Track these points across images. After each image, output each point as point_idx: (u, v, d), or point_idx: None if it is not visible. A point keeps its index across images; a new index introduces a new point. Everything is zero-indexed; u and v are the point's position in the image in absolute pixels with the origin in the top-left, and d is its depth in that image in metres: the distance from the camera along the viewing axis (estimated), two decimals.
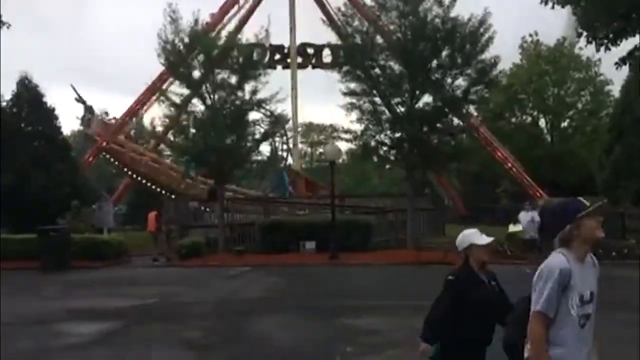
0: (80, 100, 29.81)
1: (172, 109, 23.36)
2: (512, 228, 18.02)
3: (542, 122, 40.29)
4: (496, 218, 31.30)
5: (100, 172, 43.73)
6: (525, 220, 16.44)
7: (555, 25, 37.34)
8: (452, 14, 21.47)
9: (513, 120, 39.92)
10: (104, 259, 19.75)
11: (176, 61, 22.64)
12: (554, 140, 39.22)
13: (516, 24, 44.68)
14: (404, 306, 10.97)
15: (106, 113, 31.33)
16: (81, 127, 29.27)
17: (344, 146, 32.06)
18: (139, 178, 31.55)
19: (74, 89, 29.29)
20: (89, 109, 30.24)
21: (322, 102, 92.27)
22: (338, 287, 14.16)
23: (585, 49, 35.62)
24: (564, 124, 39.94)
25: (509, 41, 37.87)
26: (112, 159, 31.74)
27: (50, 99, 25.96)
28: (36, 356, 7.75)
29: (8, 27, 7.96)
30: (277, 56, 33.77)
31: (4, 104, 25.02)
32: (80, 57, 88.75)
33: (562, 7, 9.03)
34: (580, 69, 38.68)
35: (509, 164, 33.02)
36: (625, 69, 9.53)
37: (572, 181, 33.11)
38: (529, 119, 40.47)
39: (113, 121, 32.03)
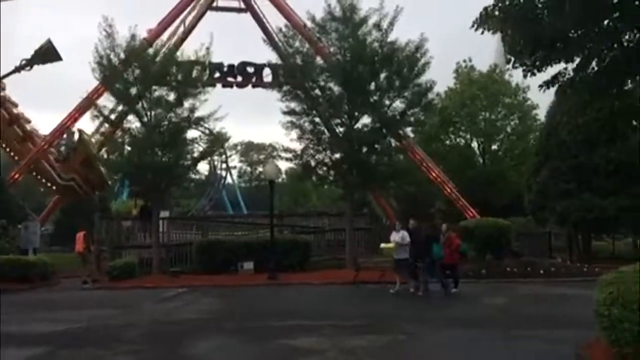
0: None
1: (106, 125, 22.67)
2: (384, 246, 18.34)
3: (474, 145, 41.80)
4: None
5: (27, 191, 41.79)
6: (395, 240, 16.29)
7: (488, 52, 39.01)
8: (390, 38, 22.08)
9: (447, 142, 41.21)
10: (30, 281, 18.80)
11: (111, 76, 22.05)
12: (485, 162, 40.73)
13: (452, 48, 46.63)
14: (342, 326, 11.01)
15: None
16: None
17: (283, 165, 32.12)
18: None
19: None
20: None
21: (261, 122, 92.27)
22: (276, 307, 14.04)
23: (515, 76, 37.58)
24: (495, 146, 41.59)
25: (444, 65, 39.30)
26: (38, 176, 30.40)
27: None
28: None
29: None
30: (217, 74, 33.54)
31: None
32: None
33: (493, 34, 9.49)
34: (509, 95, 40.51)
35: (444, 185, 33.97)
36: (549, 93, 10.15)
37: (502, 201, 34.46)
38: (462, 141, 41.89)
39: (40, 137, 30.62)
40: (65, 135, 32.49)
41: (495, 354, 8.72)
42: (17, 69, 27.60)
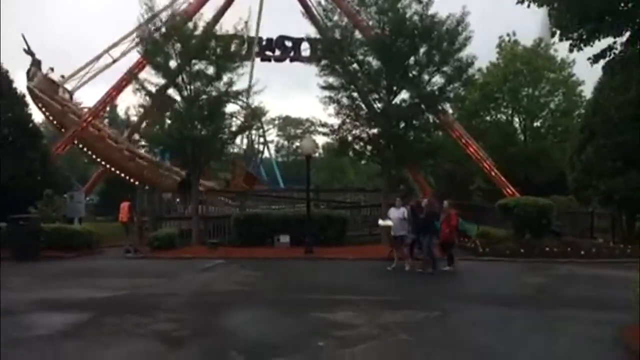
0: (28, 52, 29.18)
1: (147, 98, 23.06)
2: (382, 223, 18.03)
3: (516, 121, 40.84)
4: (470, 215, 31.72)
5: (73, 161, 43.06)
6: (396, 217, 16.11)
7: (532, 26, 37.78)
8: (431, 11, 21.64)
9: (488, 118, 40.35)
10: (75, 249, 19.51)
11: (153, 50, 22.34)
12: (527, 139, 39.79)
13: (495, 22, 45.26)
14: (376, 301, 11.09)
15: (52, 69, 30.61)
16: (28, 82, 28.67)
17: (320, 140, 32.07)
18: (110, 167, 31.15)
19: (24, 38, 28.74)
20: (36, 63, 29.58)
21: (299, 96, 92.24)
22: (311, 281, 14.22)
23: (560, 51, 36.34)
24: (537, 123, 40.52)
25: (486, 40, 38.31)
26: (84, 148, 31.25)
27: (20, 85, 25.39)
28: (4, 348, 7.61)
29: None
30: (255, 48, 33.54)
31: None
32: (50, 43, 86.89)
33: (539, 7, 9.15)
34: (554, 70, 39.24)
35: (482, 162, 33.42)
36: (596, 69, 9.76)
37: (544, 180, 33.70)
38: (504, 117, 40.97)
39: (59, 79, 31.43)
40: (108, 109, 33.23)
41: (532, 334, 8.64)
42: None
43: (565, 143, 32.43)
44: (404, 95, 22.55)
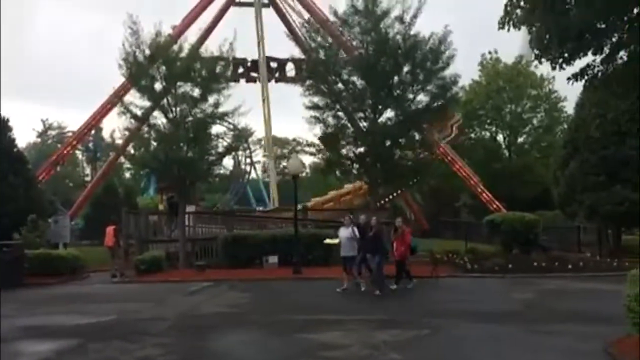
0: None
1: (132, 121, 22.97)
2: (328, 241, 17.83)
3: (500, 138, 41.33)
4: (457, 231, 31.85)
5: (57, 185, 42.64)
6: (344, 236, 15.60)
7: (513, 43, 38.38)
8: (414, 31, 21.91)
9: (472, 135, 40.80)
10: (60, 275, 19.22)
11: (138, 73, 22.33)
12: (511, 155, 40.24)
13: (477, 40, 46.06)
14: (366, 320, 11.03)
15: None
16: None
17: (307, 159, 32.11)
18: None
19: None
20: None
21: (285, 116, 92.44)
22: (300, 301, 14.11)
23: (540, 68, 36.94)
24: (521, 139, 41.05)
25: (469, 57, 38.89)
26: None
27: (3, 111, 25.21)
28: None
29: None
30: (241, 69, 33.71)
31: None
32: (30, 70, 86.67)
33: (518, 30, 9.32)
34: (535, 87, 39.90)
35: (469, 179, 33.69)
36: (577, 85, 9.92)
37: (529, 195, 34.02)
38: (488, 134, 41.44)
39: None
40: (93, 132, 33.07)
41: (521, 350, 8.64)
42: None
43: (548, 158, 32.87)
44: (389, 113, 22.74)
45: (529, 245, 20.98)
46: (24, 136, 66.30)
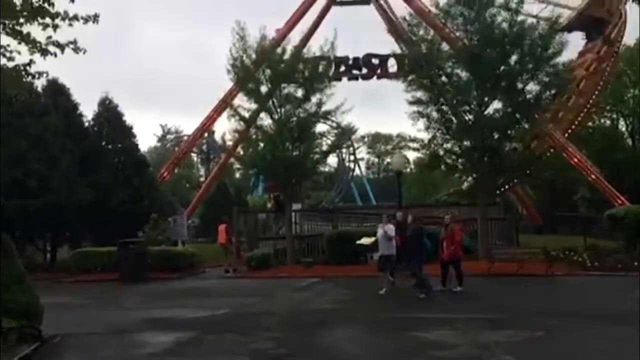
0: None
1: (241, 123, 23.96)
2: (362, 241, 16.86)
3: (621, 125, 38.26)
4: (575, 227, 29.96)
5: (175, 186, 45.47)
6: (380, 235, 14.74)
7: (635, 23, 35.34)
8: (521, 17, 20.91)
9: (590, 124, 38.13)
10: (179, 271, 20.49)
11: (244, 77, 23.24)
12: (635, 144, 37.11)
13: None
14: (475, 319, 10.70)
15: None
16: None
17: (411, 155, 31.69)
18: None
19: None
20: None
21: (388, 112, 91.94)
22: (409, 299, 13.96)
23: None
24: None
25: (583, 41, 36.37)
26: None
27: (128, 118, 27.27)
28: None
29: (84, 53, 8.72)
30: (342, 68, 33.94)
31: (86, 123, 26.53)
32: (148, 77, 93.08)
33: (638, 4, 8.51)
34: None
35: (586, 170, 31.55)
36: None
37: None
38: (608, 122, 38.53)
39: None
40: (206, 135, 34.91)
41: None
42: None
43: None
44: (497, 105, 21.87)
45: None
46: (145, 141, 71.63)
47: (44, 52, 8.68)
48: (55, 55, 8.73)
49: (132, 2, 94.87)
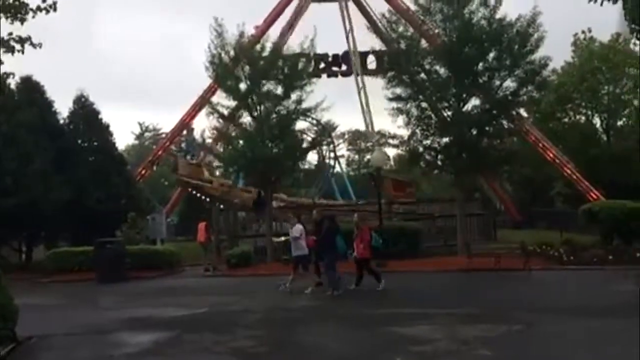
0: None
1: (220, 120, 23.79)
2: (275, 239, 17.24)
3: (596, 121, 38.89)
4: (552, 222, 30.41)
5: (153, 185, 44.98)
6: (291, 236, 14.97)
7: (609, 21, 35.91)
8: (499, 14, 21.11)
9: (566, 120, 38.68)
10: (158, 269, 20.31)
11: (223, 74, 23.07)
12: (610, 140, 37.76)
13: (568, 20, 43.34)
14: (454, 314, 10.79)
15: (192, 156, 31.76)
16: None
17: (391, 152, 31.82)
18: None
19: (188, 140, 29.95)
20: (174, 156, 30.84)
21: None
22: (385, 294, 14.02)
23: None
24: (620, 122, 38.42)
25: (560, 38, 36.84)
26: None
27: (105, 116, 26.89)
28: None
29: (40, 47, 8.93)
30: (322, 65, 33.96)
31: (62, 121, 26.09)
32: (123, 74, 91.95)
33: (613, 3, 8.67)
34: (635, 65, 37.10)
35: (563, 166, 32.06)
36: None
37: (630, 182, 31.73)
38: (583, 118, 39.13)
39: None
40: (185, 132, 34.64)
41: (621, 346, 8.06)
42: None
43: None
44: (475, 101, 22.09)
45: (632, 235, 19.61)
46: (123, 139, 70.70)
47: (9, 49, 8.69)
48: (23, 53, 8.76)
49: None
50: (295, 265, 14.96)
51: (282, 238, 15.90)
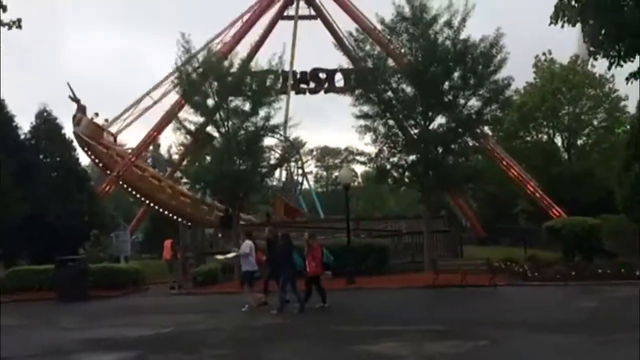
0: (74, 99, 30.32)
1: (187, 137, 23.57)
2: (220, 257, 17.70)
3: (558, 140, 39.98)
4: (516, 238, 30.92)
5: (118, 201, 44.17)
6: (241, 252, 15.11)
7: (568, 43, 37.13)
8: (464, 35, 21.60)
9: (528, 138, 39.68)
10: (122, 288, 19.83)
11: (190, 90, 22.93)
12: (571, 158, 38.83)
13: (530, 42, 44.76)
14: (420, 330, 10.83)
15: (96, 114, 31.40)
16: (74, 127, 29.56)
17: (359, 169, 32.04)
18: (154, 205, 31.80)
19: (69, 86, 30.00)
20: (81, 109, 30.64)
21: (336, 127, 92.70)
22: (354, 312, 14.02)
23: (598, 67, 35.56)
24: (580, 141, 39.60)
25: (522, 59, 37.83)
26: (129, 188, 32.03)
27: (68, 131, 26.42)
28: None
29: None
30: (290, 82, 34.06)
31: (23, 136, 25.47)
32: (88, 89, 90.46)
33: (572, 26, 8.98)
34: (594, 86, 38.40)
35: (526, 183, 32.77)
36: (637, 84, 9.43)
37: (591, 199, 32.62)
38: (545, 137, 40.18)
39: (104, 123, 32.42)
40: (151, 148, 34.19)
41: None
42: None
43: (611, 160, 31.52)
44: (441, 120, 22.45)
45: (593, 252, 20.11)
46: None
47: None
48: None
49: (73, 12, 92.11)
50: (242, 281, 14.96)
51: (230, 255, 15.89)
